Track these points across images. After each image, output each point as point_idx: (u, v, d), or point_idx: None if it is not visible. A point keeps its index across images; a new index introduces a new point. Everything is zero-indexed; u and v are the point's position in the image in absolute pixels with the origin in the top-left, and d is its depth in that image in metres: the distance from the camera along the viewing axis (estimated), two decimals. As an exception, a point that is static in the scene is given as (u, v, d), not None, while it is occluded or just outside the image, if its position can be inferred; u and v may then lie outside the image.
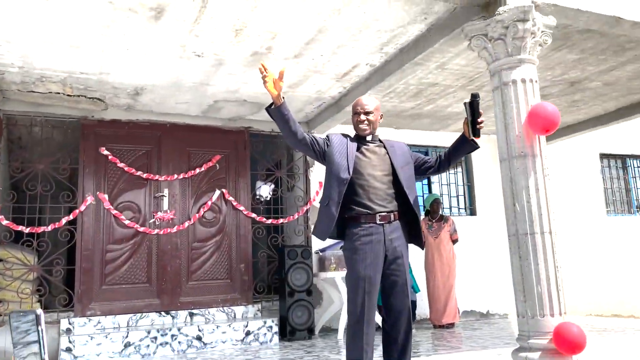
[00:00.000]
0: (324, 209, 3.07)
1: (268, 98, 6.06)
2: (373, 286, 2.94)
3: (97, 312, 5.91)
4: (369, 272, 2.94)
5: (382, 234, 2.99)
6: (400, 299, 2.99)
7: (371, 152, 3.14)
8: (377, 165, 3.09)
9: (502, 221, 7.90)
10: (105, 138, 6.30)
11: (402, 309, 2.97)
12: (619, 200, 9.23)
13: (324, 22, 4.34)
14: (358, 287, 2.94)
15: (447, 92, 6.15)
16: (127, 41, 4.55)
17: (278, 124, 3.02)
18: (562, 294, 3.53)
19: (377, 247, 2.97)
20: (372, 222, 2.99)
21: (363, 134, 3.18)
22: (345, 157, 3.07)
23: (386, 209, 3.02)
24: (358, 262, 2.97)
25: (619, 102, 6.89)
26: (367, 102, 3.21)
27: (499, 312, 7.90)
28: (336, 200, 2.99)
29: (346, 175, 3.02)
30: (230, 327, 5.84)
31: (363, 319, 2.91)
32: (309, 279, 6.26)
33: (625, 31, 4.35)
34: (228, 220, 6.73)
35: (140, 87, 5.67)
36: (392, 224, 3.01)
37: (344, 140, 3.17)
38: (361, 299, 2.93)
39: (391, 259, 2.99)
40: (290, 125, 2.99)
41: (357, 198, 3.04)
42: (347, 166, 3.04)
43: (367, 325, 2.90)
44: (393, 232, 3.01)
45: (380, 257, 2.97)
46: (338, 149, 3.10)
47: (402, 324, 2.97)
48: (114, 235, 6.18)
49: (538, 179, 3.61)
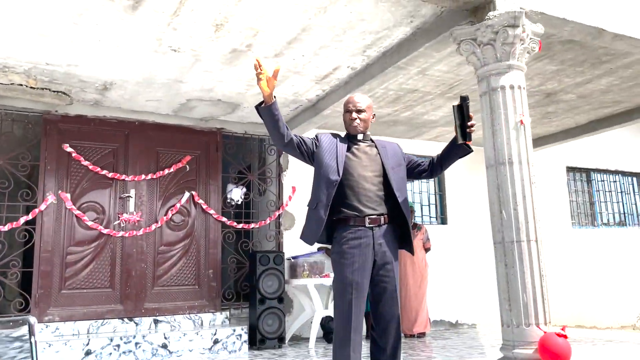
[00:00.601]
0: (312, 212, 2.93)
1: (242, 99, 5.93)
2: (360, 292, 2.81)
3: (56, 318, 5.58)
4: (357, 277, 2.80)
5: (371, 238, 2.86)
6: (389, 306, 2.86)
7: (362, 152, 3.01)
8: (367, 165, 2.97)
9: (474, 230, 8.01)
10: (70, 134, 5.99)
11: (392, 317, 2.85)
12: (583, 212, 9.41)
13: (308, 21, 4.21)
14: (345, 293, 2.81)
15: (426, 99, 6.12)
16: (100, 32, 4.31)
17: (267, 124, 2.87)
18: (547, 303, 3.49)
19: (366, 252, 2.84)
20: (361, 225, 2.87)
21: (354, 132, 3.05)
22: (335, 158, 2.93)
23: (376, 211, 2.89)
24: (345, 267, 2.83)
25: (590, 115, 7.02)
26: (359, 99, 3.09)
27: (468, 322, 7.89)
28: (325, 203, 2.86)
29: (336, 177, 2.88)
30: (198, 335, 5.60)
31: (350, 326, 2.77)
32: (280, 285, 6.09)
33: (606, 43, 4.40)
34: (197, 224, 6.50)
35: (110, 82, 5.41)
36: (381, 228, 2.89)
37: (333, 140, 3.04)
38: (348, 305, 2.79)
39: (380, 264, 2.86)
40: (280, 125, 2.86)
41: (346, 200, 2.90)
42: (337, 168, 2.90)
43: (354, 333, 2.76)
44: (383, 236, 2.88)
45: (368, 262, 2.84)
46: (327, 150, 2.97)
47: (391, 333, 2.85)
48: (75, 236, 5.86)
49: (525, 186, 3.57)
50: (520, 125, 3.61)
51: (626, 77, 5.66)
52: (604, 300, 8.86)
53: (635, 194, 10.07)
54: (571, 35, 4.25)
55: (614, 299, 8.95)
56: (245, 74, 5.24)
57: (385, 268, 2.87)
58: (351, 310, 2.77)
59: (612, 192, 9.79)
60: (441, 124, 7.19)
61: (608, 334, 6.88)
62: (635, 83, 5.84)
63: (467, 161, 8.30)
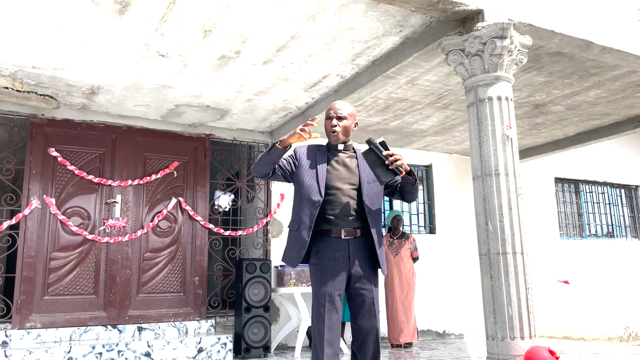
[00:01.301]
0: (294, 234, 2.87)
1: (231, 105, 5.89)
2: (333, 304, 2.76)
3: (38, 324, 5.49)
4: (330, 289, 2.77)
5: (346, 250, 2.82)
6: (367, 319, 2.81)
7: (341, 163, 2.95)
8: (345, 178, 2.91)
9: (461, 240, 8.01)
10: (56, 138, 5.92)
11: (370, 330, 2.80)
12: (571, 224, 9.44)
13: (297, 28, 4.19)
14: (318, 305, 2.79)
15: (415, 109, 6.11)
16: (87, 36, 4.27)
17: (267, 160, 2.88)
18: (532, 316, 3.47)
19: (340, 264, 2.80)
20: (337, 238, 2.83)
21: (334, 142, 2.97)
22: (315, 177, 2.88)
23: (352, 224, 2.84)
24: (319, 279, 2.81)
25: (579, 127, 7.05)
26: (340, 106, 3.00)
27: (455, 332, 7.87)
28: (307, 225, 2.81)
29: (318, 197, 2.83)
30: (182, 343, 5.53)
31: (323, 338, 2.73)
32: (267, 294, 6.04)
33: (594, 55, 4.42)
34: (183, 231, 6.44)
35: (97, 86, 5.36)
36: (357, 240, 2.84)
37: (312, 155, 2.97)
38: (321, 317, 2.77)
39: (356, 276, 2.82)
40: (273, 166, 2.90)
41: (323, 213, 2.86)
42: (318, 188, 2.84)
43: (327, 346, 2.72)
44: (359, 249, 2.84)
45: (342, 274, 2.80)
46: (306, 168, 2.91)
47: (369, 346, 2.80)
48: (59, 242, 5.79)
49: (511, 198, 3.56)
50: (507, 138, 3.60)
51: (614, 90, 5.69)
52: (591, 312, 8.88)
53: (624, 206, 10.12)
54: (559, 47, 4.26)
55: (601, 311, 8.97)
56: (234, 80, 5.22)
57: (362, 281, 2.83)
58: (323, 323, 2.74)
59: (600, 203, 9.83)
60: (430, 134, 7.19)
61: (595, 346, 6.88)
62: (623, 96, 5.87)
63: (456, 171, 8.35)
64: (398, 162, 2.75)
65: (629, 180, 10.05)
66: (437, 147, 7.95)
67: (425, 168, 8.30)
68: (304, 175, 2.89)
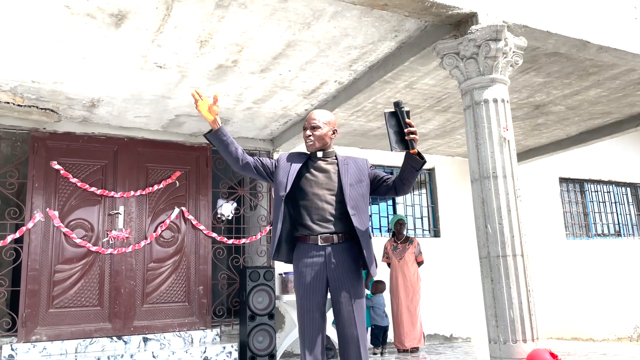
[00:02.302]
0: (272, 229, 2.94)
1: (231, 114, 5.91)
2: (311, 312, 2.76)
3: (43, 337, 5.51)
4: (308, 296, 2.78)
5: (323, 257, 2.79)
6: (347, 327, 2.77)
7: (320, 170, 2.94)
8: (322, 183, 2.89)
9: (466, 243, 7.97)
10: (58, 151, 5.96)
11: (350, 337, 2.76)
12: (577, 223, 9.38)
13: (293, 36, 4.21)
14: (298, 313, 2.82)
15: (414, 113, 6.11)
16: (84, 49, 4.31)
17: (219, 149, 2.90)
18: (534, 318, 3.45)
19: (317, 270, 2.79)
20: (314, 244, 2.82)
21: (310, 150, 2.99)
22: (286, 175, 2.90)
23: (329, 230, 2.81)
24: (299, 286, 2.82)
25: (580, 127, 7.01)
26: (316, 116, 2.99)
27: (462, 335, 7.83)
28: (279, 219, 2.84)
29: (283, 192, 2.85)
30: (187, 353, 5.53)
31: (304, 346, 2.75)
32: (271, 301, 6.02)
33: (591, 55, 4.40)
34: (187, 240, 6.45)
35: (97, 99, 5.40)
36: (336, 246, 2.81)
37: (292, 159, 2.98)
38: (301, 325, 2.78)
39: (335, 283, 2.79)
40: (231, 150, 2.86)
41: (300, 219, 2.87)
42: (286, 184, 2.86)
43: (308, 354, 2.73)
44: (339, 254, 2.81)
45: (321, 281, 2.78)
46: (282, 168, 2.94)
47: (351, 353, 2.76)
48: (63, 254, 5.81)
49: (510, 200, 3.54)
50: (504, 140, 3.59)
51: (614, 89, 5.67)
52: (600, 312, 8.80)
53: (630, 204, 10.05)
54: (556, 48, 4.25)
55: (610, 311, 8.90)
56: (232, 89, 5.24)
57: (339, 288, 2.79)
58: (304, 330, 2.76)
59: (606, 202, 9.77)
60: (432, 137, 7.18)
61: (604, 346, 6.82)
62: (623, 94, 5.84)
63: (459, 173, 8.32)
64: (414, 136, 2.68)
65: (634, 179, 9.98)
66: (439, 150, 7.93)
67: (428, 171, 8.28)
68: (278, 174, 2.93)
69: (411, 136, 2.66)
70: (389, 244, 6.93)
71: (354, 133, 6.85)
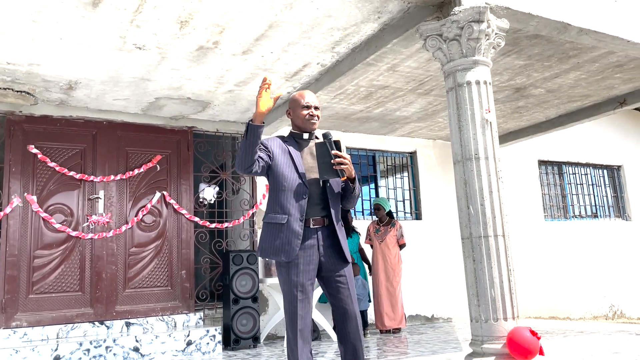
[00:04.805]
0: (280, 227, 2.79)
1: (212, 97, 5.85)
2: (306, 294, 2.76)
3: (24, 323, 5.45)
4: (301, 279, 2.75)
5: (315, 239, 2.81)
6: (346, 304, 2.80)
7: (307, 152, 2.93)
8: (313, 167, 2.88)
9: (447, 225, 8.06)
10: (35, 135, 5.85)
11: (349, 314, 2.80)
12: (555, 205, 9.53)
13: (275, 17, 4.16)
14: (291, 295, 2.76)
15: (397, 95, 6.11)
16: (61, 30, 4.20)
17: (247, 144, 2.70)
18: (515, 297, 3.51)
19: (310, 253, 2.79)
20: (307, 227, 2.81)
21: (311, 129, 2.96)
22: (294, 168, 2.84)
23: (319, 213, 2.84)
24: (291, 268, 2.77)
25: (560, 110, 7.09)
26: (314, 97, 3.01)
27: (443, 316, 7.94)
28: (298, 217, 2.78)
29: (304, 189, 2.81)
30: (171, 337, 5.52)
31: (296, 328, 2.73)
32: (254, 285, 6.03)
33: (572, 37, 4.43)
34: (169, 224, 6.40)
35: (75, 81, 5.29)
36: (325, 229, 2.84)
37: (281, 145, 2.92)
38: (294, 308, 2.75)
39: (328, 264, 2.82)
40: (255, 151, 2.73)
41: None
42: (301, 178, 2.82)
43: (300, 336, 2.72)
44: (327, 237, 2.83)
45: (314, 264, 2.79)
46: (281, 159, 2.87)
47: (349, 332, 2.79)
48: (43, 240, 5.73)
49: (492, 181, 3.58)
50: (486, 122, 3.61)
51: (593, 71, 5.73)
52: (577, 292, 9.01)
53: (606, 186, 10.24)
54: (537, 30, 4.27)
55: (586, 290, 9.11)
56: (214, 71, 5.17)
57: (336, 268, 2.82)
58: (296, 313, 2.73)
59: (583, 184, 9.93)
60: (414, 120, 7.20)
61: (580, 325, 6.98)
62: (602, 77, 5.91)
63: (441, 156, 8.38)
64: (343, 165, 2.73)
65: (611, 161, 10.16)
66: (421, 133, 7.97)
67: (410, 155, 8.31)
68: (282, 166, 2.85)
69: (340, 166, 2.73)
70: (371, 226, 6.98)
71: (337, 116, 6.83)
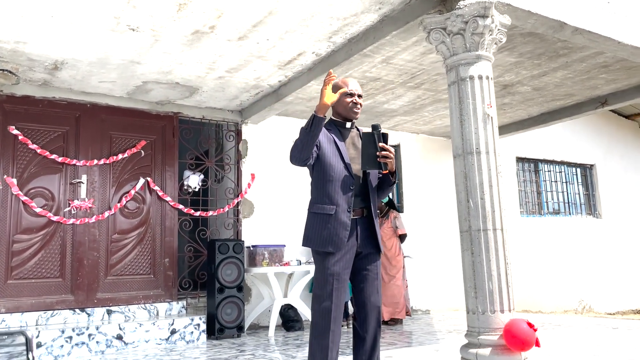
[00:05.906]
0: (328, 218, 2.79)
1: (201, 82, 5.74)
2: (342, 283, 2.78)
3: (2, 309, 5.29)
4: (338, 268, 2.78)
5: (355, 229, 2.83)
6: (372, 295, 2.83)
7: (350, 143, 2.94)
8: (355, 158, 2.90)
9: (428, 218, 8.14)
10: (16, 116, 5.65)
11: (373, 306, 2.83)
12: (531, 201, 9.74)
13: (275, 3, 4.11)
14: (326, 284, 2.77)
15: (387, 88, 6.12)
16: (53, 7, 4.05)
17: (310, 136, 2.68)
18: (511, 290, 3.58)
19: (349, 243, 2.81)
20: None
21: (354, 117, 2.96)
22: (341, 158, 2.83)
23: (359, 204, 2.87)
24: (330, 258, 2.79)
25: (542, 108, 7.23)
26: (358, 85, 2.99)
27: (422, 308, 8.04)
28: (346, 208, 2.80)
29: (352, 180, 2.82)
30: (155, 326, 5.44)
31: (330, 316, 2.73)
32: (240, 274, 5.99)
33: (566, 36, 4.50)
34: (152, 211, 6.29)
35: (61, 61, 5.12)
36: (363, 220, 2.87)
37: (328, 134, 2.90)
38: (328, 295, 2.76)
39: (363, 255, 2.86)
40: (315, 142, 2.73)
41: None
42: (348, 169, 2.83)
43: (333, 323, 2.74)
44: (365, 228, 2.86)
45: (351, 253, 2.82)
46: (327, 147, 2.85)
47: (371, 322, 2.82)
48: (22, 224, 5.56)
49: (492, 175, 3.62)
50: (487, 116, 3.65)
51: (580, 71, 5.85)
52: (548, 286, 9.23)
53: (579, 184, 10.51)
54: (534, 28, 4.32)
55: (558, 285, 9.35)
56: (206, 56, 5.08)
57: (368, 258, 2.87)
58: (332, 300, 2.74)
59: (557, 182, 10.17)
60: (400, 113, 7.23)
61: (554, 318, 7.17)
62: (587, 77, 6.05)
63: (424, 150, 8.45)
64: (388, 159, 2.78)
65: (584, 160, 10.42)
66: (406, 127, 8.01)
67: (394, 148, 8.34)
68: (330, 156, 2.83)
69: (385, 159, 2.77)
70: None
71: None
